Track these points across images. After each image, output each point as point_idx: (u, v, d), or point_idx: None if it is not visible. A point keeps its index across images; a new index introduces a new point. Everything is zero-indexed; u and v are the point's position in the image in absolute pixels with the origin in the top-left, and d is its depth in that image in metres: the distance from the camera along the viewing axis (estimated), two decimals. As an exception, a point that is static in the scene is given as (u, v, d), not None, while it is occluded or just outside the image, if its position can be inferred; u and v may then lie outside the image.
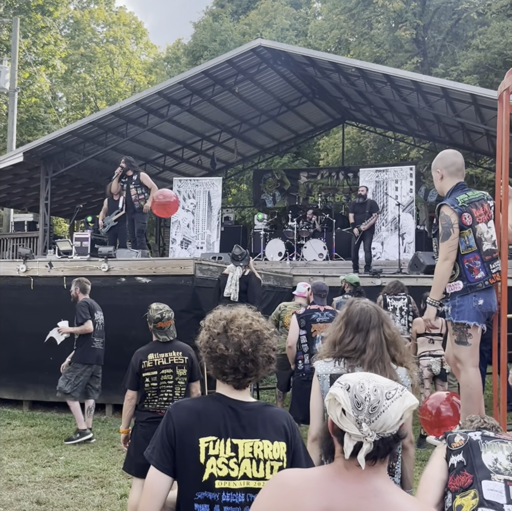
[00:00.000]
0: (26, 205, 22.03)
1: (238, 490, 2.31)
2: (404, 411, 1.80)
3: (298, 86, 18.85)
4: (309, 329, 7.06)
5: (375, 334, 3.23)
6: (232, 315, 2.49)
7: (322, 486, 1.83)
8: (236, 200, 28.75)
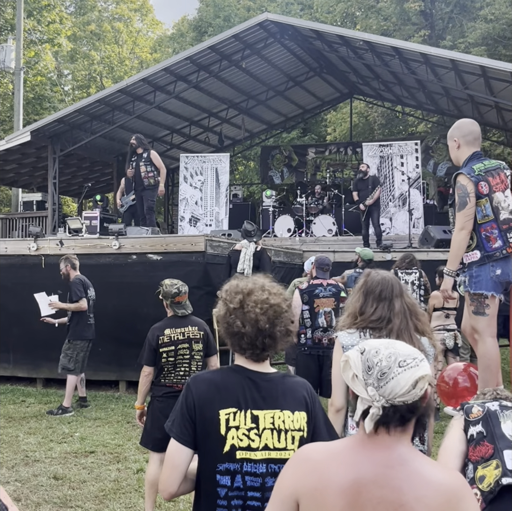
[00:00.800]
0: (34, 184, 22.03)
1: (259, 460, 2.32)
2: (415, 381, 1.78)
3: (305, 60, 18.68)
4: (312, 304, 7.07)
5: (399, 303, 3.23)
6: (248, 289, 2.45)
7: (347, 459, 1.83)
8: (243, 177, 28.66)
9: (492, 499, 2.54)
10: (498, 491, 2.53)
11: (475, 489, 2.60)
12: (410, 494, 1.75)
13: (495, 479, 2.55)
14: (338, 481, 1.78)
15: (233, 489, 2.31)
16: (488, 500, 2.54)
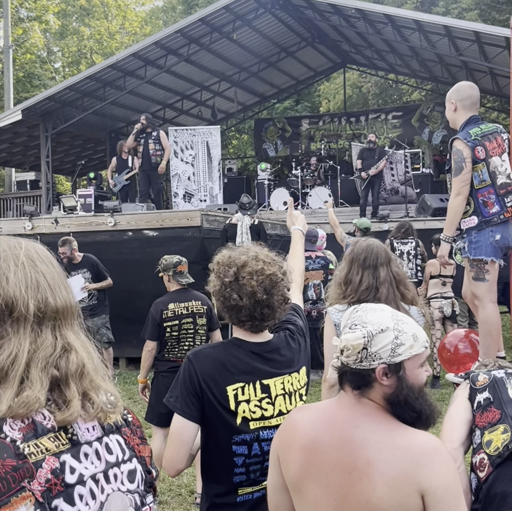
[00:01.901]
0: (27, 163, 21.88)
1: (275, 426, 2.32)
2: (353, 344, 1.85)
3: (297, 30, 18.47)
4: None
5: (384, 271, 3.17)
6: (242, 261, 2.38)
7: (314, 418, 1.90)
8: (238, 151, 28.48)
9: (500, 463, 2.53)
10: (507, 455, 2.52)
11: (482, 454, 2.59)
12: (362, 458, 1.75)
13: (504, 444, 2.52)
14: (299, 439, 1.86)
15: (251, 456, 2.33)
16: (496, 464, 2.53)
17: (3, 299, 1.23)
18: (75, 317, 1.34)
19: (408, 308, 3.18)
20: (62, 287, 1.32)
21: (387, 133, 20.86)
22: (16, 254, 1.28)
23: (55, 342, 1.27)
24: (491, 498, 2.44)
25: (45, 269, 1.30)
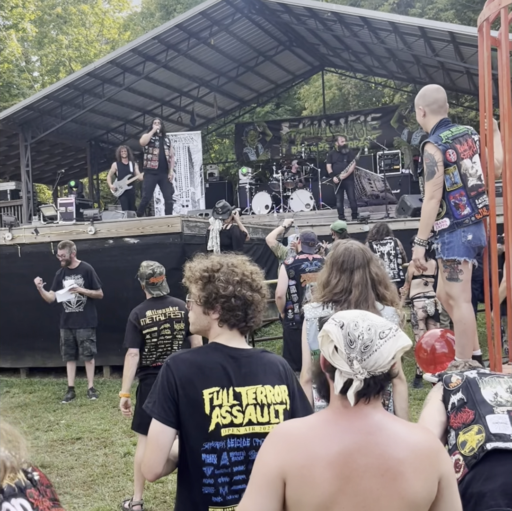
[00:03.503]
0: (7, 173, 21.78)
1: (243, 435, 2.33)
2: (397, 351, 1.80)
3: (274, 34, 18.54)
4: (299, 279, 7.07)
5: (360, 273, 3.22)
6: (216, 267, 2.50)
7: (329, 431, 1.83)
8: (219, 156, 28.50)
9: (475, 463, 2.55)
10: (482, 456, 2.54)
11: (457, 455, 2.62)
12: (394, 457, 1.77)
13: (479, 445, 2.55)
14: (324, 455, 1.77)
15: (220, 467, 2.32)
16: (471, 464, 2.55)
17: None
18: None
19: (382, 308, 3.21)
20: None
21: (366, 134, 20.98)
22: None
23: None
24: (467, 498, 2.46)
25: None
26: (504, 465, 2.51)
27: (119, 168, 12.80)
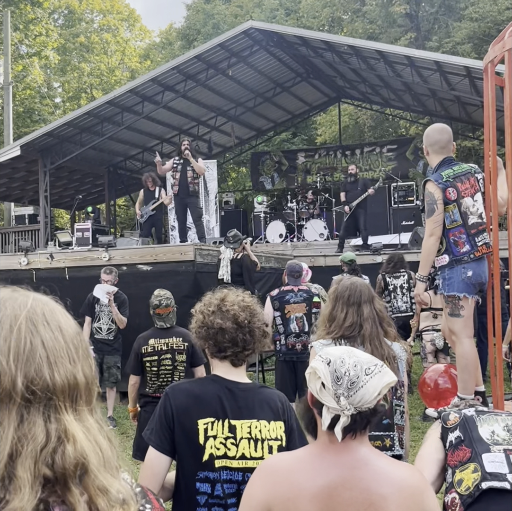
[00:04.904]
0: (26, 198, 22.05)
1: (236, 469, 2.36)
2: (382, 387, 1.84)
3: (291, 66, 18.79)
4: (283, 310, 7.10)
5: (368, 308, 3.27)
6: (223, 295, 2.57)
7: (314, 465, 1.86)
8: (236, 184, 28.72)
9: (470, 502, 2.55)
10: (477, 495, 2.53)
11: (453, 493, 2.60)
12: (377, 493, 1.80)
13: (475, 484, 2.51)
14: (309, 488, 1.81)
15: (214, 496, 2.35)
16: (467, 503, 2.53)
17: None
18: (82, 397, 1.05)
19: (391, 344, 3.27)
20: (67, 359, 1.03)
21: (382, 166, 21.09)
22: (16, 314, 1.03)
23: (48, 430, 0.97)
24: None
25: (48, 336, 1.03)
26: (499, 504, 2.50)
27: (145, 194, 12.93)
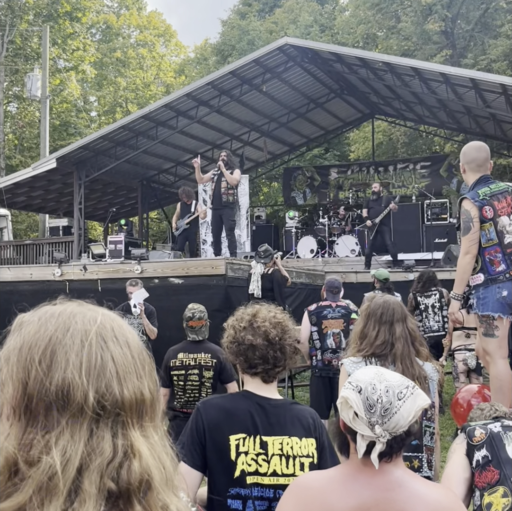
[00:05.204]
0: (60, 210, 22.35)
1: (267, 485, 2.35)
2: (416, 411, 1.82)
3: (325, 82, 18.83)
4: (320, 325, 7.05)
5: (400, 327, 3.24)
6: (255, 310, 2.56)
7: (346, 486, 1.84)
8: (268, 198, 28.80)
9: None
10: None
11: None
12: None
13: (506, 509, 2.48)
14: (340, 509, 1.79)
15: None
16: None
17: (58, 385, 0.97)
18: (148, 413, 1.06)
19: (422, 364, 3.24)
20: (135, 375, 1.05)
21: (415, 182, 20.96)
22: (86, 329, 1.04)
23: (115, 445, 0.99)
24: None
25: (118, 351, 1.04)
26: None
27: (182, 208, 13.02)
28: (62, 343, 1.01)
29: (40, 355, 0.99)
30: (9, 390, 0.99)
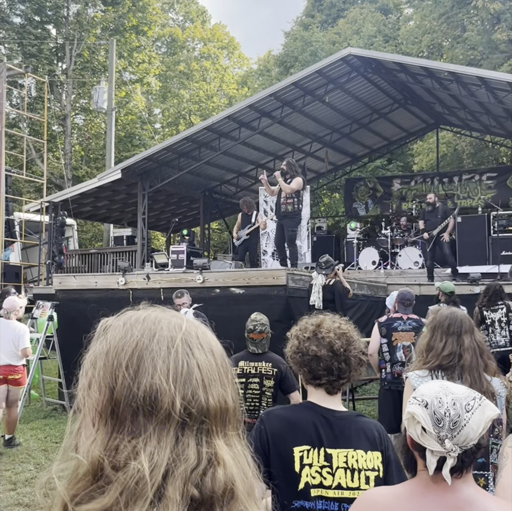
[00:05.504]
0: (124, 220, 22.77)
1: (332, 498, 2.32)
2: (486, 422, 1.76)
3: (389, 92, 18.66)
4: (390, 337, 6.94)
5: (468, 338, 3.15)
6: (319, 320, 2.53)
7: (413, 503, 1.80)
8: (329, 209, 28.68)
9: None
10: None
11: None
12: None
13: None
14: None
15: None
16: None
17: (146, 391, 0.98)
18: (231, 421, 1.05)
19: (490, 379, 3.14)
20: (219, 383, 1.05)
21: (481, 193, 20.53)
22: (172, 336, 1.04)
23: (200, 452, 0.99)
24: None
25: (203, 359, 1.04)
26: None
27: (242, 218, 13.14)
28: (148, 348, 1.01)
29: (127, 360, 1.00)
30: (95, 395, 1.00)
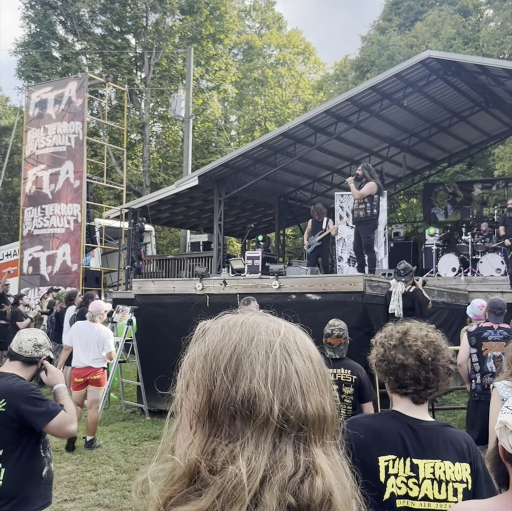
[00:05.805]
0: (201, 226, 23.03)
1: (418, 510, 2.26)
2: None
3: (469, 95, 18.23)
4: (480, 347, 6.71)
5: None
6: (406, 328, 2.46)
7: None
8: (406, 215, 28.22)
9: None
10: None
11: None
12: None
13: None
14: None
15: None
16: None
17: (244, 395, 0.96)
18: (329, 430, 1.03)
19: None
20: (317, 390, 1.02)
21: None
22: (270, 340, 1.02)
23: (297, 460, 0.96)
24: None
25: (301, 365, 1.02)
26: None
27: (313, 225, 13.12)
28: (247, 352, 1.00)
29: (226, 363, 0.99)
30: (193, 397, 1.00)
